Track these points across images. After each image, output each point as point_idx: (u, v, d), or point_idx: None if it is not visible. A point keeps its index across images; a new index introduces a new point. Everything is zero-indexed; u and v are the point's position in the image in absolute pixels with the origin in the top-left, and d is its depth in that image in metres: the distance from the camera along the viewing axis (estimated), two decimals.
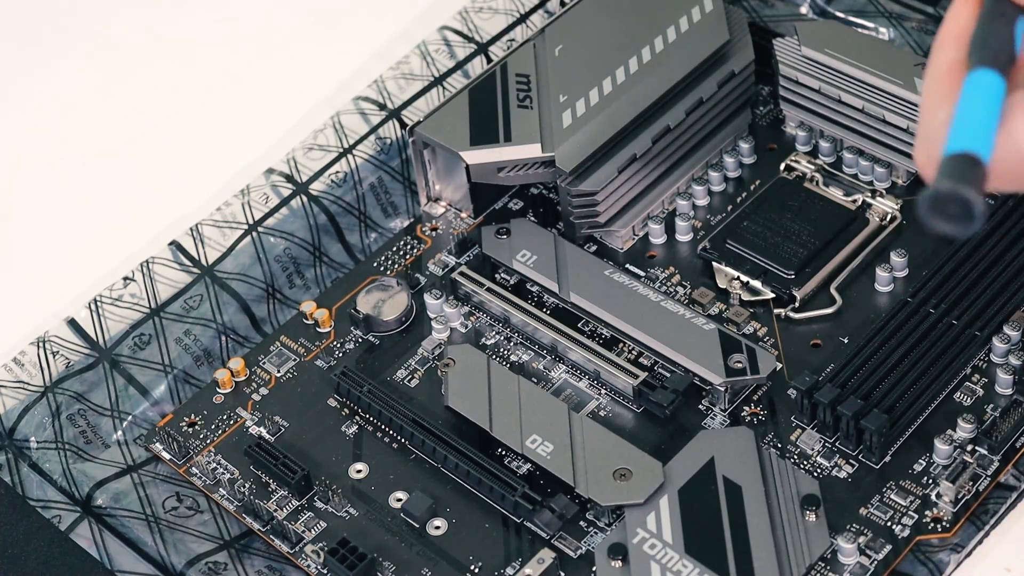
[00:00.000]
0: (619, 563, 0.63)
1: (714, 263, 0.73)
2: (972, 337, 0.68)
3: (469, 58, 0.83)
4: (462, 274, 0.74)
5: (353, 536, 0.65)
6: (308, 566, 0.65)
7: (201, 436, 0.70)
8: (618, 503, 0.65)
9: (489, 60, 0.84)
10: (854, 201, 0.74)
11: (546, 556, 0.64)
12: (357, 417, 0.70)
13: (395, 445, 0.69)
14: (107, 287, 0.74)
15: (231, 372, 0.72)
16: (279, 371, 0.72)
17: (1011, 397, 0.67)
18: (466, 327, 0.73)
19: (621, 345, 0.71)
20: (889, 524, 0.64)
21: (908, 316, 0.69)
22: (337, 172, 0.79)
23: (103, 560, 0.66)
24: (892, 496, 0.65)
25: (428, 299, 0.73)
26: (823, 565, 0.63)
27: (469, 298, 0.74)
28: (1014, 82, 0.53)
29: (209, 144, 0.83)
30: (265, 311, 0.75)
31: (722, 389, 0.68)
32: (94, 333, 0.73)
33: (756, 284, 0.72)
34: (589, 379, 0.70)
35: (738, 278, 0.73)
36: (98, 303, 0.74)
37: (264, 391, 0.72)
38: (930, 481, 0.65)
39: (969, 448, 0.66)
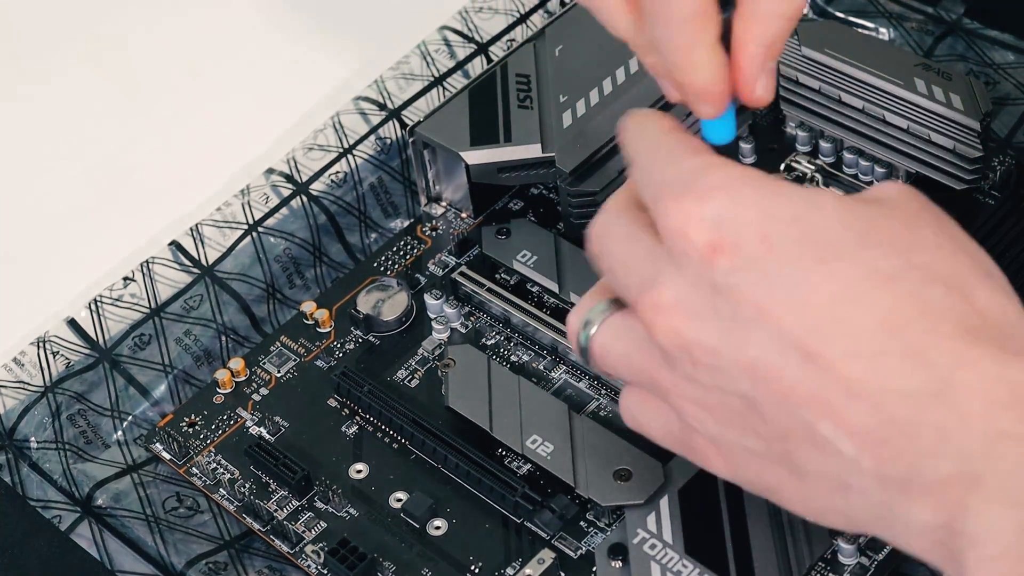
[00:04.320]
0: (619, 563, 0.63)
1: None
2: None
3: (469, 58, 0.83)
4: (462, 274, 0.74)
5: (353, 536, 0.65)
6: (308, 566, 0.65)
7: (201, 436, 0.70)
8: (618, 503, 0.64)
9: (489, 60, 0.83)
10: None
11: (546, 556, 0.64)
12: (357, 417, 0.70)
13: (395, 445, 0.69)
14: (107, 287, 0.74)
15: (231, 372, 0.72)
16: (279, 371, 0.72)
17: None
18: (466, 327, 0.73)
19: None
20: None
21: None
22: (337, 172, 0.79)
23: (103, 560, 0.66)
24: None
25: (428, 299, 0.73)
26: (823, 565, 0.63)
27: (469, 298, 0.73)
28: None
29: (209, 144, 0.83)
30: (265, 311, 0.75)
31: None
32: (94, 333, 0.73)
33: None
34: (589, 379, 0.70)
35: None
36: (98, 303, 0.74)
37: (264, 391, 0.72)
38: None
39: None
